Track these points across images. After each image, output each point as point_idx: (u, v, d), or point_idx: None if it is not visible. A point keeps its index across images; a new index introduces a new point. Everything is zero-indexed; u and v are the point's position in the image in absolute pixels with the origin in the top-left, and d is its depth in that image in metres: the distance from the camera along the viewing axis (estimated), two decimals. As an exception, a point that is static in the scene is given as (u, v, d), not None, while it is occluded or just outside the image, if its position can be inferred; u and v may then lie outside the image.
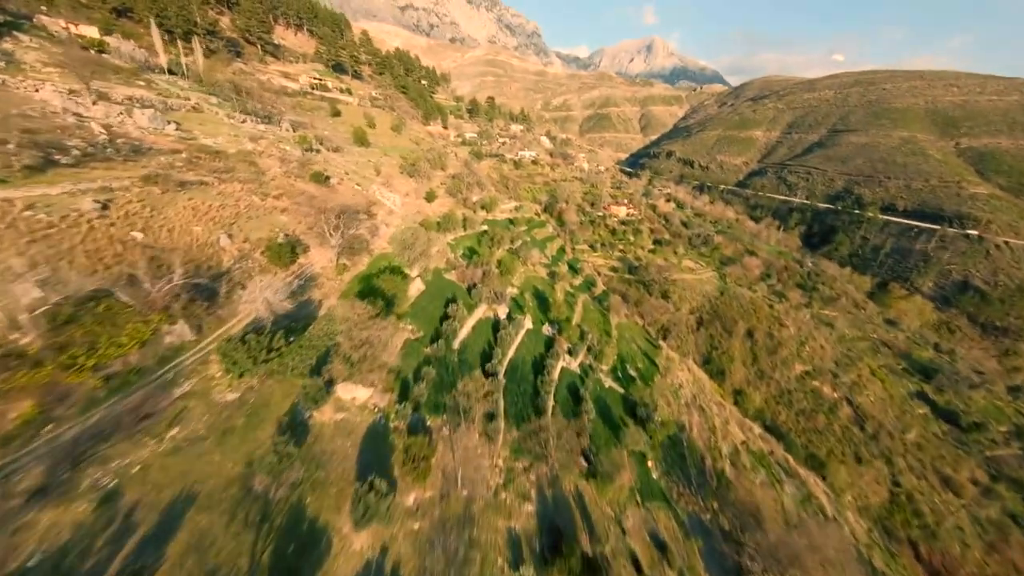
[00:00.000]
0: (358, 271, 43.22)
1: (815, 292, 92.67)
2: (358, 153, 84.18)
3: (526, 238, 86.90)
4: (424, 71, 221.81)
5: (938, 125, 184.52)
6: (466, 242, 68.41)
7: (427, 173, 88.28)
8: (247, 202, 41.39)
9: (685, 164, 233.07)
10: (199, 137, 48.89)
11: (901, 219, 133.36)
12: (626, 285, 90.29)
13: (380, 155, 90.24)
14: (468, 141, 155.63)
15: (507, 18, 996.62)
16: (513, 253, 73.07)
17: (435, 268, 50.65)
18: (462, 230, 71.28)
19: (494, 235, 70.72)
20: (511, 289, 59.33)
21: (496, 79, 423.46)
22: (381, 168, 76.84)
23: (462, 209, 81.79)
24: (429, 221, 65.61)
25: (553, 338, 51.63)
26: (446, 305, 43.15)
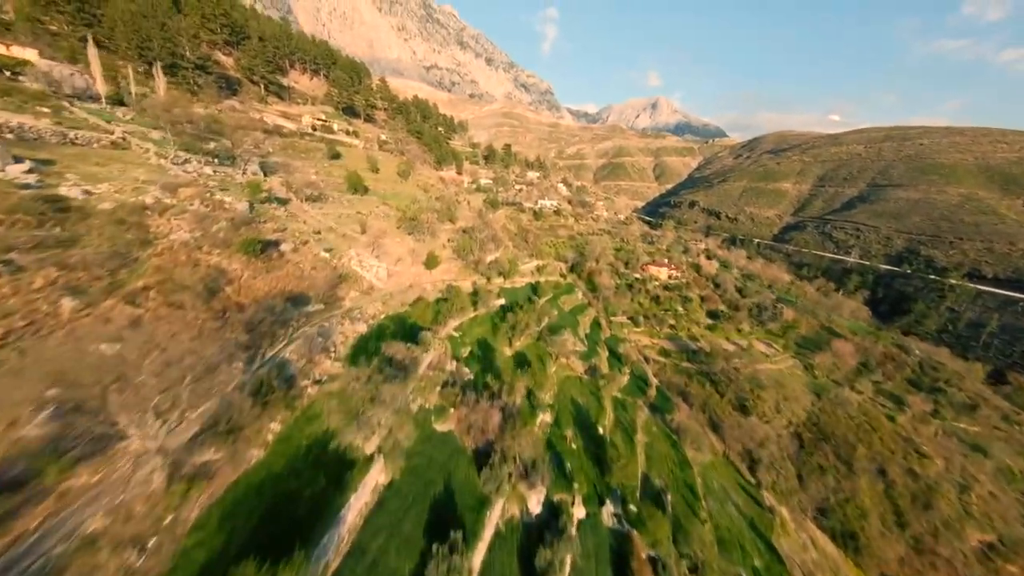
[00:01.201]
0: (238, 474, 19.39)
1: (940, 394, 67.52)
2: (348, 203, 66.33)
3: (552, 310, 65.70)
4: (441, 118, 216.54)
5: (996, 182, 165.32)
6: (476, 329, 47.15)
7: (431, 227, 69.64)
8: (47, 311, 21.04)
9: (710, 215, 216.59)
10: (61, 185, 30.40)
11: (1000, 289, 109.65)
12: (685, 377, 66.81)
13: (376, 204, 72.55)
14: (483, 188, 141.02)
15: (522, 78, 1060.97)
16: (540, 341, 51.46)
17: (418, 413, 28.63)
18: (472, 309, 50.38)
19: (516, 319, 49.37)
20: (543, 418, 37.03)
21: (512, 129, 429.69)
22: (370, 223, 58.17)
23: (473, 276, 61.68)
24: (423, 304, 44.99)
25: (626, 539, 28.37)
26: (430, 529, 20.59)
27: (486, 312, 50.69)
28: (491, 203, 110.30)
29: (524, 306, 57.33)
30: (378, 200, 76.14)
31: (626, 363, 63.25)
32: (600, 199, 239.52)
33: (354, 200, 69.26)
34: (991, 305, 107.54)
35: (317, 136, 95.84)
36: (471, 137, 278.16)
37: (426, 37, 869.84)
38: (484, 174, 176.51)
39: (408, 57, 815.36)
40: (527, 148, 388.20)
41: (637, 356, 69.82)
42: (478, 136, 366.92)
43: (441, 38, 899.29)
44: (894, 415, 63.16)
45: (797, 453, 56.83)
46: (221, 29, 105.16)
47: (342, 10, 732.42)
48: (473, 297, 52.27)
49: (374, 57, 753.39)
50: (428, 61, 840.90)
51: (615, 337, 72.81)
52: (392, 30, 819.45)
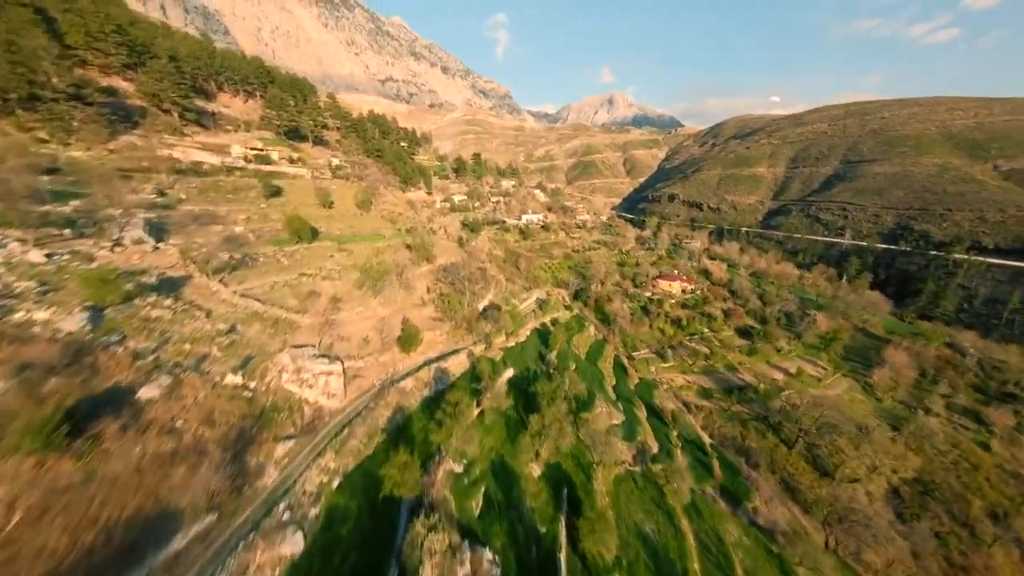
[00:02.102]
0: None
1: (1017, 402, 57.94)
2: (288, 261, 49.29)
3: (569, 360, 51.22)
4: (402, 132, 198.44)
5: (963, 149, 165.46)
6: (487, 442, 31.82)
7: (404, 276, 53.56)
8: None
9: (692, 206, 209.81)
10: None
11: (1007, 260, 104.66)
12: (739, 427, 53.87)
13: (329, 255, 55.70)
14: (457, 206, 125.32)
15: (480, 84, 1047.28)
16: (570, 424, 36.69)
17: None
18: (474, 407, 34.98)
19: (541, 422, 34.23)
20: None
21: (476, 136, 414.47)
22: (319, 289, 41.81)
23: (466, 339, 46.19)
24: (403, 433, 29.13)
25: None
26: None
27: (496, 407, 35.25)
28: (470, 226, 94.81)
29: (540, 379, 42.41)
30: (332, 246, 59.19)
31: (671, 422, 49.48)
32: (578, 201, 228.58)
33: (298, 253, 52.18)
34: (1002, 278, 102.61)
35: (251, 170, 77.26)
36: (436, 149, 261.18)
37: (378, 50, 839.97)
38: (456, 189, 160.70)
39: (361, 72, 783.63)
40: (495, 154, 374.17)
41: (676, 404, 56.35)
42: (443, 146, 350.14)
43: (393, 50, 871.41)
44: (985, 441, 52.56)
45: (899, 513, 44.70)
46: (116, 49, 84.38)
47: (285, 29, 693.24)
48: (473, 386, 36.81)
49: (326, 74, 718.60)
50: (383, 74, 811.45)
51: (645, 382, 59.10)
52: (341, 45, 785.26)
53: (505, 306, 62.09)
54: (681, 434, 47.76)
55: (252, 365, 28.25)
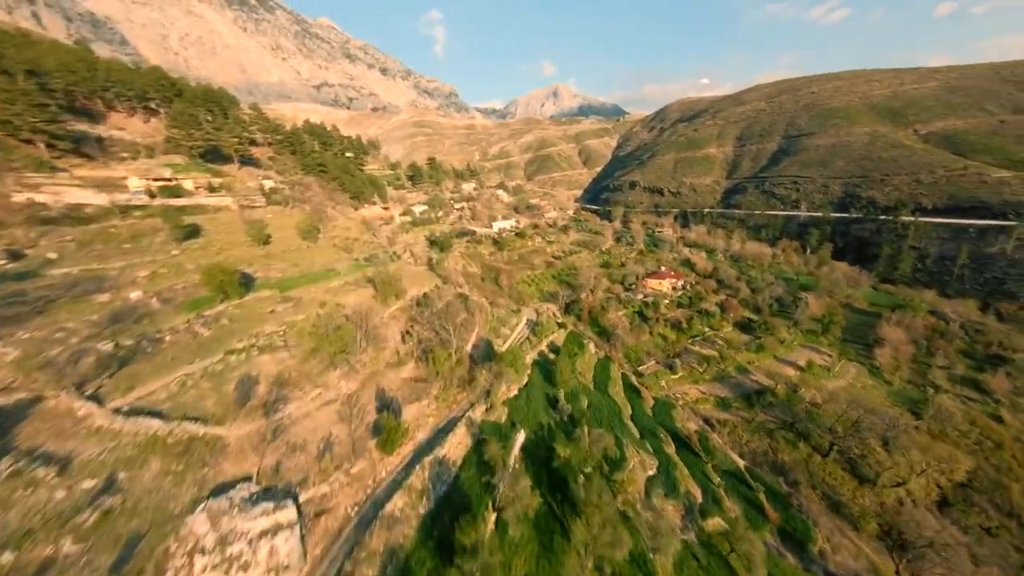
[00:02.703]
0: None
1: (1007, 364, 58.46)
2: (207, 335, 36.97)
3: (582, 394, 43.59)
4: (347, 142, 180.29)
5: (885, 117, 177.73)
6: (517, 564, 23.11)
7: (371, 325, 42.84)
8: None
9: (653, 192, 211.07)
10: None
11: (945, 219, 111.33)
12: (766, 438, 49.27)
13: (268, 311, 43.63)
14: (419, 218, 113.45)
15: (424, 84, 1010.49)
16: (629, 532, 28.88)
17: None
18: (490, 515, 26.04)
19: (591, 536, 26.04)
20: None
21: (427, 138, 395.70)
22: (256, 371, 30.63)
23: (460, 400, 36.79)
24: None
25: None
26: None
27: (518, 507, 26.39)
28: (439, 243, 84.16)
29: (558, 438, 34.24)
30: (272, 297, 46.91)
31: (704, 453, 43.44)
32: (542, 198, 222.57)
33: (224, 317, 39.73)
34: (945, 236, 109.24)
35: (156, 207, 61.41)
36: (386, 156, 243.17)
37: (308, 54, 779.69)
38: (415, 199, 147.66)
39: (292, 78, 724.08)
40: (449, 155, 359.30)
41: (697, 423, 50.69)
42: (393, 152, 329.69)
43: (325, 53, 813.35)
44: (995, 412, 51.70)
45: (942, 508, 41.75)
46: (-59, 67, 64.04)
47: (196, 35, 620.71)
48: (484, 478, 27.80)
49: (252, 83, 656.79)
50: (317, 79, 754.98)
51: (661, 402, 52.92)
52: (265, 51, 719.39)
53: (495, 338, 53.15)
54: (718, 466, 41.71)
55: (136, 562, 17.31)
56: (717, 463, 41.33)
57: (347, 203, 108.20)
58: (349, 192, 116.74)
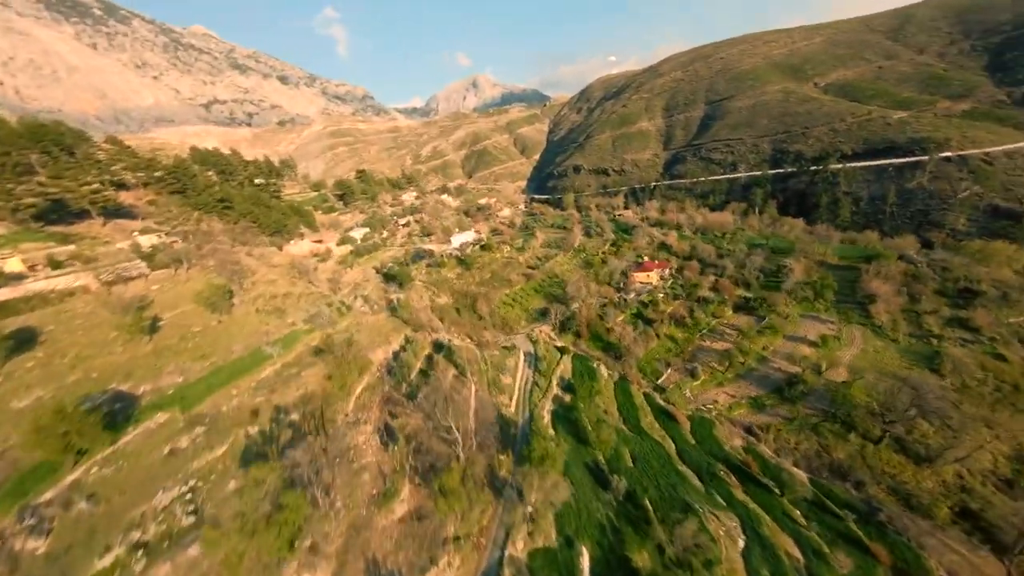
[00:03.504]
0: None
1: (979, 297, 60.52)
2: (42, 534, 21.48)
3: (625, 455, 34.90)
4: (254, 167, 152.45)
5: (788, 74, 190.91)
6: None
7: (335, 446, 29.69)
8: None
9: (598, 174, 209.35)
10: None
11: (869, 162, 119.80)
12: (813, 436, 44.90)
13: (165, 449, 28.44)
14: (362, 246, 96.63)
15: (332, 89, 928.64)
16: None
17: None
18: None
19: None
20: None
21: (349, 148, 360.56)
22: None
23: (492, 535, 25.75)
24: None
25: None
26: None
27: None
28: (395, 276, 69.95)
29: (630, 546, 24.92)
30: (170, 424, 31.41)
31: (777, 485, 37.07)
32: (488, 195, 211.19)
33: (79, 496, 24.10)
34: (870, 178, 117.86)
35: (-45, 312, 40.51)
36: (306, 175, 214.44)
37: (185, 69, 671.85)
38: (351, 221, 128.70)
39: (171, 98, 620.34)
40: (377, 163, 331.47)
41: (743, 437, 44.73)
42: (312, 169, 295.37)
43: (208, 66, 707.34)
44: (994, 351, 52.23)
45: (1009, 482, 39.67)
46: None
47: (25, 57, 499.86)
48: None
49: (118, 109, 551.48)
50: (204, 96, 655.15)
51: (697, 422, 46.15)
52: (129, 70, 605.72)
53: (498, 394, 42.30)
54: (800, 499, 35.38)
55: None
56: (796, 495, 34.86)
57: (267, 244, 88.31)
58: (267, 229, 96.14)
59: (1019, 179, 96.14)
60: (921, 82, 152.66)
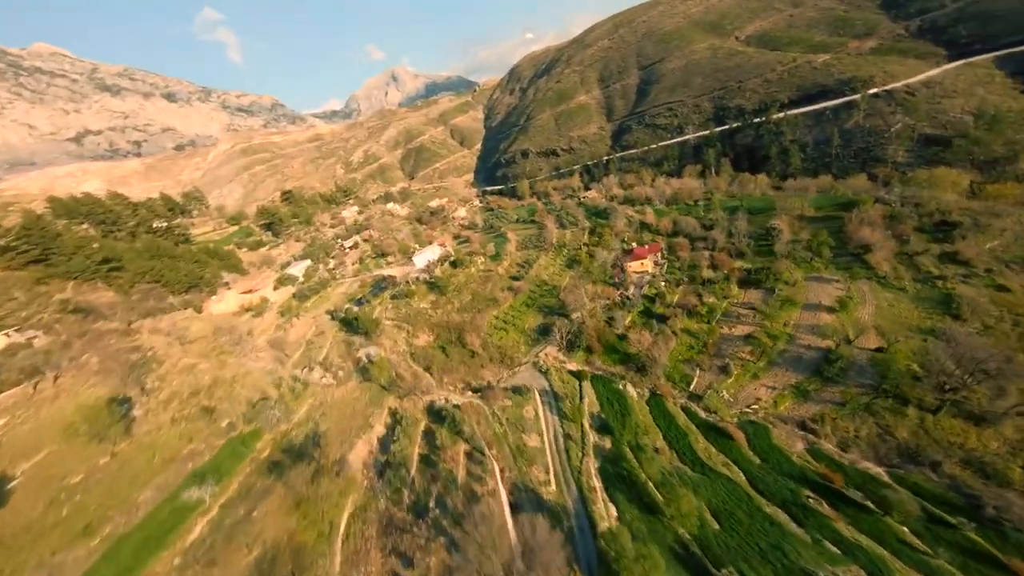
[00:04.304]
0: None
1: (955, 228, 60.95)
2: None
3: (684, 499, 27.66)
4: (148, 208, 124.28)
5: (709, 31, 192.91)
6: None
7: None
8: None
9: (548, 155, 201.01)
10: None
11: (807, 108, 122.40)
12: (868, 419, 41.15)
13: None
14: (306, 287, 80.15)
15: (234, 101, 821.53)
16: None
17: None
18: None
19: None
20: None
21: (268, 166, 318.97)
22: None
23: None
24: None
25: None
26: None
27: None
28: (358, 323, 56.54)
29: None
30: None
31: (879, 505, 31.85)
32: (439, 195, 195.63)
33: None
34: (810, 123, 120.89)
35: None
36: (220, 206, 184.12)
37: (37, 98, 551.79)
38: (285, 255, 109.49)
39: (23, 136, 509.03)
40: (304, 179, 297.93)
41: (801, 438, 39.65)
42: (228, 196, 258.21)
43: (66, 92, 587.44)
44: (996, 282, 51.84)
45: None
46: None
47: None
48: None
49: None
50: (68, 129, 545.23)
51: (748, 430, 40.27)
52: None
53: (527, 466, 32.87)
54: (905, 518, 30.10)
55: None
56: (901, 515, 29.54)
57: (180, 307, 69.60)
58: (177, 287, 76.46)
59: (940, 106, 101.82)
60: (829, 25, 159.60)
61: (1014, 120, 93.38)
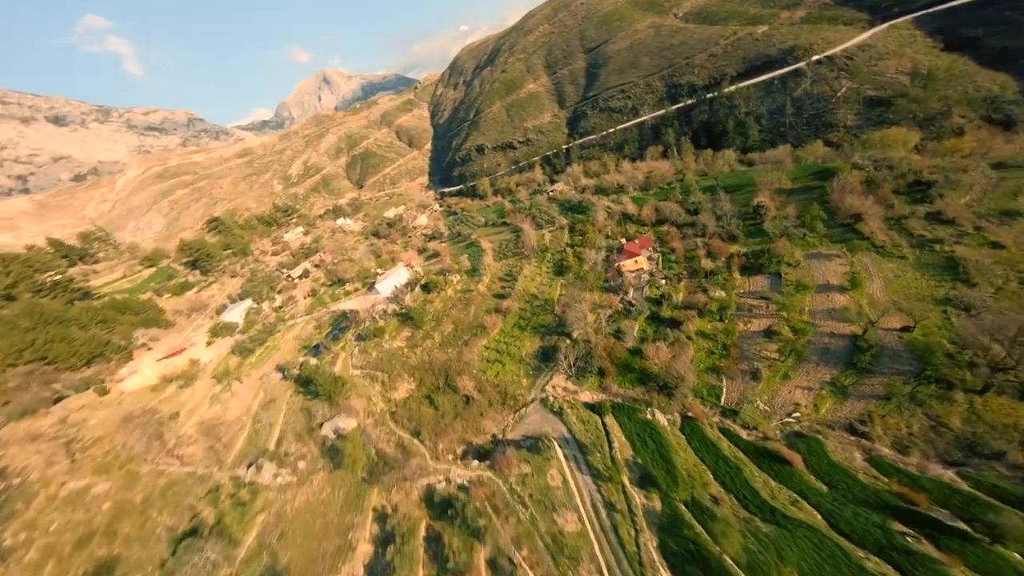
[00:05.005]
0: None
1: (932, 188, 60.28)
2: None
3: None
4: (23, 264, 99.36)
5: (646, 9, 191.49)
6: None
7: None
8: None
9: (504, 149, 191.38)
10: None
11: (755, 79, 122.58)
12: (917, 411, 37.65)
13: None
14: (248, 338, 65.83)
15: (141, 120, 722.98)
16: None
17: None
18: None
19: None
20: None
21: (192, 188, 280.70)
22: None
23: None
24: None
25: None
26: None
27: None
28: (320, 383, 44.93)
29: None
30: None
31: (990, 535, 27.22)
32: (392, 203, 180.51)
33: None
34: (761, 95, 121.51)
35: None
36: (132, 244, 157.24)
37: None
38: (219, 296, 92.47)
39: None
40: (237, 199, 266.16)
41: (858, 447, 35.15)
42: (146, 230, 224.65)
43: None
44: (990, 239, 50.87)
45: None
46: None
47: None
48: None
49: None
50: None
51: (800, 447, 35.09)
52: None
53: (561, 557, 24.79)
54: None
55: None
56: (1016, 543, 24.91)
57: (77, 389, 53.54)
58: (72, 361, 59.53)
59: (877, 68, 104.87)
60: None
61: (943, 77, 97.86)
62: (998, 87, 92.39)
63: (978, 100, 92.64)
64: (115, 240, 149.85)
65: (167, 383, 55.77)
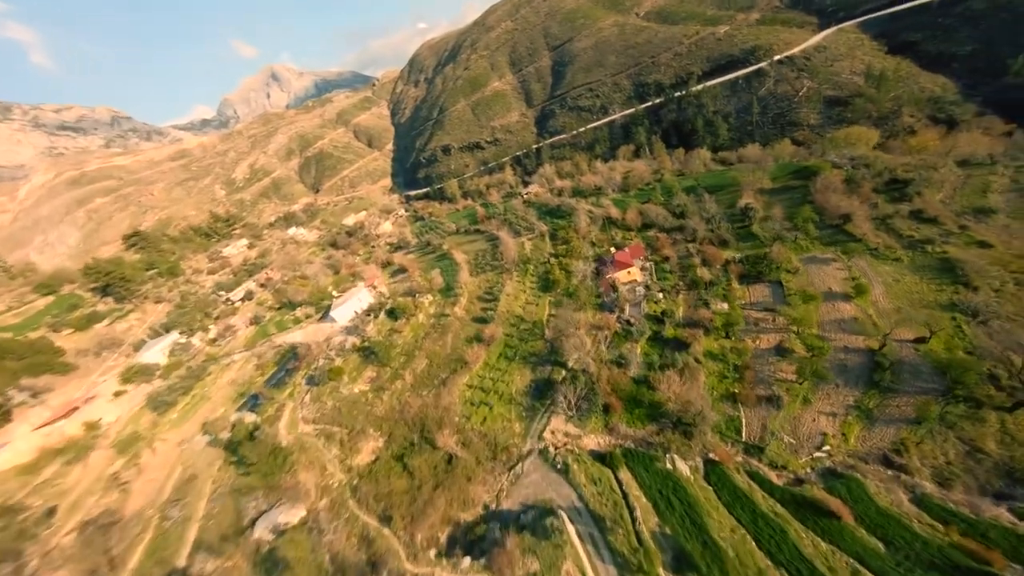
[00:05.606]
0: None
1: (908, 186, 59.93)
2: None
3: None
4: None
5: (608, 7, 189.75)
6: None
7: None
8: None
9: (472, 150, 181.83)
10: None
11: (721, 78, 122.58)
12: (949, 435, 34.49)
13: None
14: (166, 387, 52.86)
15: (51, 118, 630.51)
16: None
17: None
18: None
19: None
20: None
21: (115, 196, 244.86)
22: None
23: None
24: None
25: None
26: None
27: None
28: (239, 446, 34.51)
29: None
30: None
31: None
32: (356, 211, 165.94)
33: None
34: (727, 93, 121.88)
35: None
36: (30, 264, 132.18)
37: None
38: (138, 328, 76.89)
39: None
40: (172, 207, 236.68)
41: (902, 486, 31.10)
42: (57, 246, 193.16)
43: None
44: (976, 238, 50.10)
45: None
46: None
47: None
48: None
49: None
50: None
51: (842, 492, 30.47)
52: None
53: None
54: None
55: None
56: None
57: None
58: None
59: (833, 69, 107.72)
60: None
61: (892, 78, 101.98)
62: (939, 88, 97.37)
63: (923, 100, 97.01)
64: (4, 262, 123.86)
65: (50, 457, 42.28)
